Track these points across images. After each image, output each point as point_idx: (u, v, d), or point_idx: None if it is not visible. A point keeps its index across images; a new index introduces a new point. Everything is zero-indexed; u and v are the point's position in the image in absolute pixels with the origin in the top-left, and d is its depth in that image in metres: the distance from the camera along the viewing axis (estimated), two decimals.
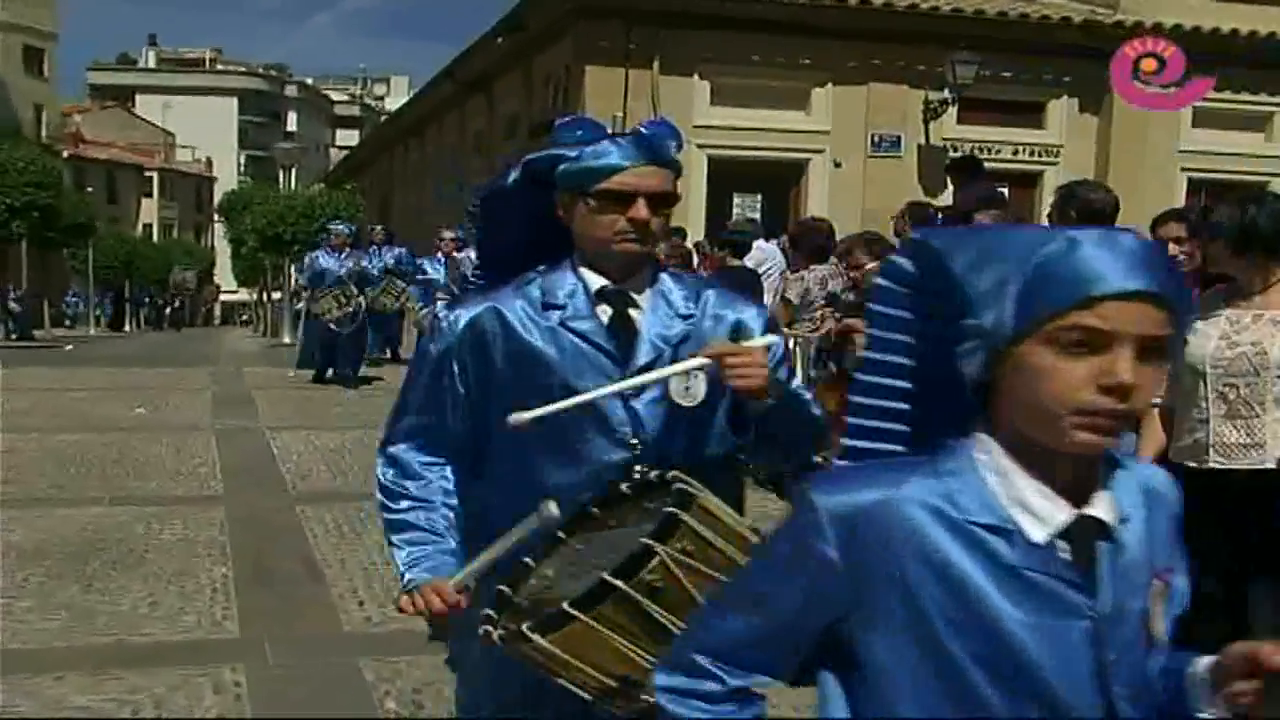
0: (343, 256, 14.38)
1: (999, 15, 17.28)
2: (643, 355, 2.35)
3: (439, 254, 14.56)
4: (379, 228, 17.09)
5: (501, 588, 2.20)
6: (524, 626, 2.05)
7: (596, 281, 2.39)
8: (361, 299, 13.92)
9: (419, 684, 4.57)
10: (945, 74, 16.60)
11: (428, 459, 2.47)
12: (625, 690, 2.08)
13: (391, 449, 2.49)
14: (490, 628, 2.15)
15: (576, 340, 2.35)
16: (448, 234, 14.31)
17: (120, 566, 6.23)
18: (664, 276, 2.46)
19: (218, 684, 4.58)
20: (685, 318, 2.40)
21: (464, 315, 2.41)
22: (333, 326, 13.81)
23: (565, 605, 2.02)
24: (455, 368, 2.41)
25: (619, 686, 2.08)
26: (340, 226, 15.33)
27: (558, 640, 2.03)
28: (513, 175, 2.46)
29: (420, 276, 14.82)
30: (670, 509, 2.06)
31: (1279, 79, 18.18)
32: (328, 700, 4.50)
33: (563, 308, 2.36)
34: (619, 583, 1.99)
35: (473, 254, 9.09)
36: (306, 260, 15.94)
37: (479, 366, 2.40)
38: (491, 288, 2.48)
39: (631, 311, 2.39)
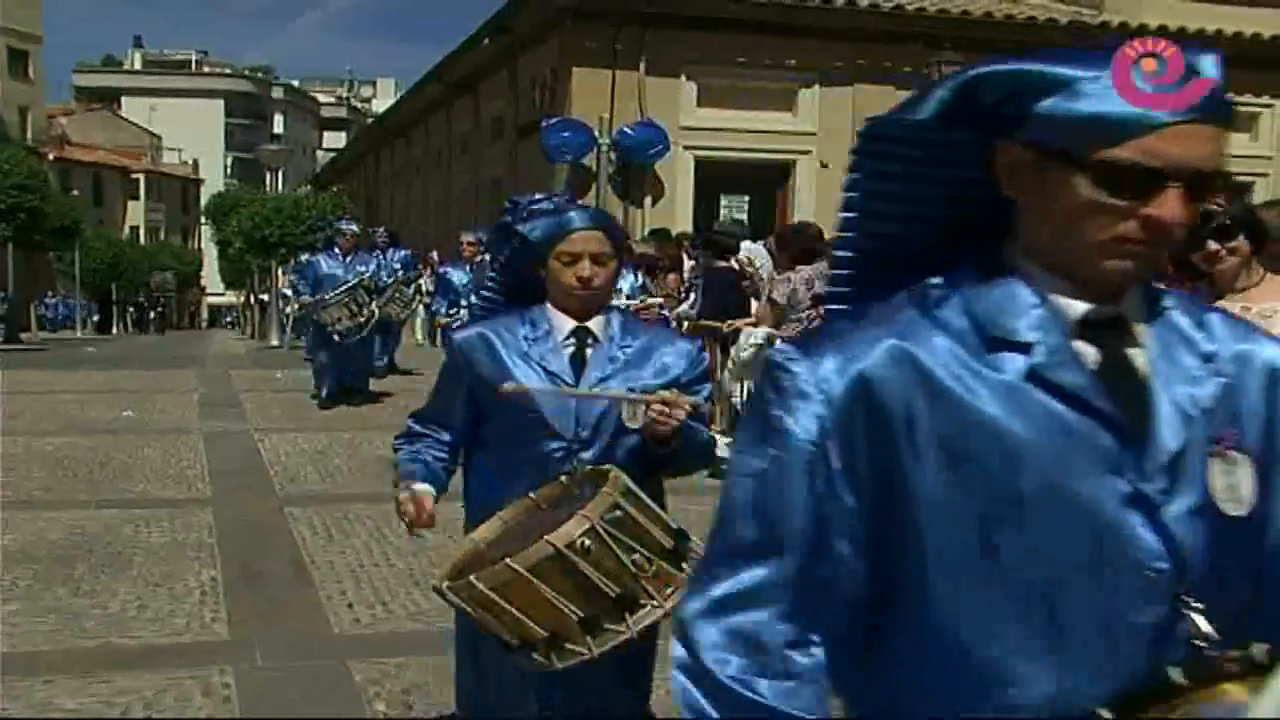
0: (348, 261, 12.83)
1: (984, 16, 17.34)
2: (1169, 435, 1.32)
3: (463, 259, 13.03)
4: (381, 230, 15.78)
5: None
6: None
7: (1074, 305, 1.34)
8: (374, 308, 12.55)
9: (408, 685, 4.59)
10: (931, 75, 16.62)
11: (798, 635, 1.33)
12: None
13: (734, 620, 1.33)
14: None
15: (1060, 407, 1.31)
16: (467, 237, 13.04)
17: (108, 569, 6.23)
18: (1160, 291, 1.42)
19: (206, 686, 4.59)
20: (1208, 360, 1.38)
21: (842, 363, 1.34)
22: (336, 338, 12.35)
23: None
24: (839, 461, 1.33)
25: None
26: (351, 226, 13.63)
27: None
28: (934, 99, 1.34)
29: (432, 276, 13.46)
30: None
31: (1264, 80, 18.27)
32: (317, 702, 4.50)
33: (1027, 348, 1.32)
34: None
35: None
36: (304, 261, 14.79)
37: (880, 457, 1.33)
38: (854, 311, 1.44)
39: (1130, 353, 1.36)
